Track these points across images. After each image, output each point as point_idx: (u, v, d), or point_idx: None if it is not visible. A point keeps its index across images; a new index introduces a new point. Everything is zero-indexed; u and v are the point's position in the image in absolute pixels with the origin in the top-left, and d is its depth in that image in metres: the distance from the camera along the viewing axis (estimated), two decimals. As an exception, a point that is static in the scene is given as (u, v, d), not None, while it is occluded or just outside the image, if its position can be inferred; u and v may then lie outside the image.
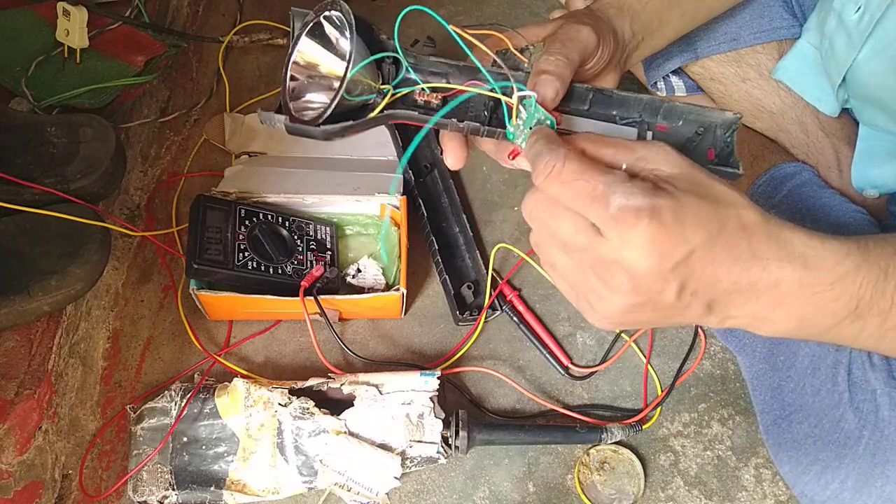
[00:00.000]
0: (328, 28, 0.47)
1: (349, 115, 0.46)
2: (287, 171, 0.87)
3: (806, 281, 0.41)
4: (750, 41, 0.76)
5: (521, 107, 0.45)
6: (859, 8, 0.62)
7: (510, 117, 0.46)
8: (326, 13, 0.46)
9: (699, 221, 0.38)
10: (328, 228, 0.80)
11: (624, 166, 0.41)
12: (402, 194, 0.80)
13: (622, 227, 0.37)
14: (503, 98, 0.46)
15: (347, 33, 0.45)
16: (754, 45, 0.76)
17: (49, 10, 0.83)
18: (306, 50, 0.47)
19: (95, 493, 0.70)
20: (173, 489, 0.67)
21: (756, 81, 0.77)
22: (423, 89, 0.48)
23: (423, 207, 0.84)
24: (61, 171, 0.70)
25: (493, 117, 0.49)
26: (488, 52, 0.47)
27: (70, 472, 0.70)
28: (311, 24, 0.47)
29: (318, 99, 0.47)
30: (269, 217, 0.76)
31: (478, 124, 0.47)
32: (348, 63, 0.44)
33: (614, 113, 0.50)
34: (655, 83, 0.84)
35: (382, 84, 0.48)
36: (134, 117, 0.86)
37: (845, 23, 0.63)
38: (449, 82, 0.50)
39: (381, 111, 0.47)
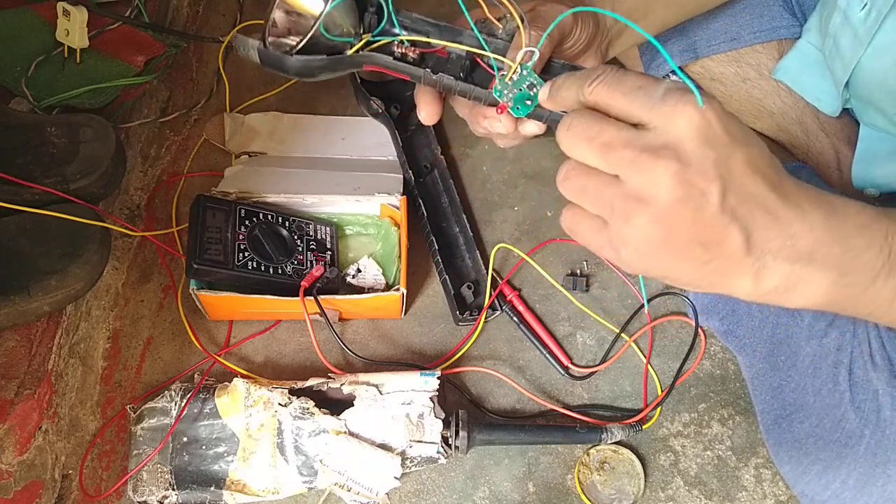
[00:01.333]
0: None
1: (332, 50, 0.47)
2: (287, 171, 0.87)
3: (836, 225, 0.40)
4: (750, 41, 0.76)
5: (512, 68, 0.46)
6: (865, 5, 0.62)
7: (502, 75, 0.47)
8: None
9: (743, 129, 0.38)
10: (328, 228, 0.80)
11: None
12: (402, 194, 0.80)
13: (670, 104, 0.37)
14: (497, 58, 0.47)
15: None
16: (754, 45, 0.76)
17: (49, 10, 0.83)
18: None
19: (95, 493, 0.70)
20: (173, 489, 0.67)
21: (756, 81, 0.77)
22: (401, 41, 0.49)
23: (423, 207, 0.84)
24: (61, 171, 0.70)
25: (468, 78, 0.49)
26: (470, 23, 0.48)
27: (70, 472, 0.70)
28: None
29: (298, 39, 0.47)
30: (269, 217, 0.76)
31: (452, 79, 0.47)
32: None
33: None
34: None
35: (364, 33, 0.49)
36: (134, 117, 0.86)
37: (851, 20, 0.63)
38: (429, 41, 0.50)
39: (357, 52, 0.48)
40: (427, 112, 0.51)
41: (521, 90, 0.46)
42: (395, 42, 0.49)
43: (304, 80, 0.48)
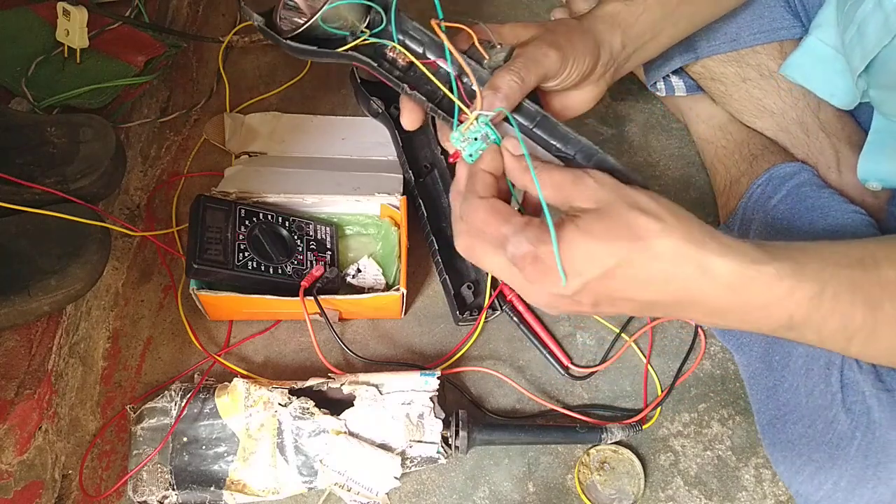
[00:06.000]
0: None
1: (322, 43, 0.51)
2: (287, 171, 0.87)
3: (734, 303, 0.45)
4: (750, 41, 0.76)
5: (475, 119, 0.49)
6: None
7: (462, 119, 0.49)
8: None
9: (590, 258, 0.43)
10: (328, 228, 0.80)
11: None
12: (403, 194, 0.80)
13: (518, 269, 0.45)
14: (460, 105, 0.49)
15: None
16: (755, 46, 0.76)
17: (49, 10, 0.83)
18: None
19: (95, 493, 0.70)
20: (173, 489, 0.67)
21: (756, 81, 0.77)
22: (394, 46, 0.52)
23: (423, 207, 0.84)
24: (61, 171, 0.70)
25: (443, 100, 0.52)
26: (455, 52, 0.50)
27: (70, 472, 0.70)
28: None
29: (304, 21, 0.51)
30: (269, 217, 0.76)
31: (425, 99, 0.51)
32: None
33: (553, 143, 0.52)
34: (655, 83, 0.84)
35: (364, 28, 0.52)
36: (134, 117, 0.86)
37: (884, 5, 0.61)
38: (424, 53, 0.53)
39: (347, 50, 0.51)
40: (407, 119, 0.53)
41: (476, 139, 0.49)
42: (388, 46, 0.52)
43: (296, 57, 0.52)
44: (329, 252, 0.78)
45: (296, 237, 0.76)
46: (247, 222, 0.74)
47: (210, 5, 1.06)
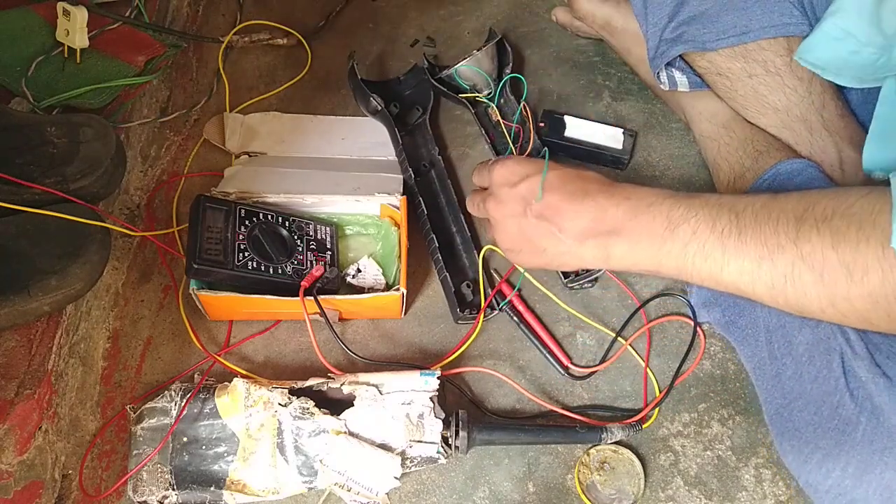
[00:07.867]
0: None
1: (457, 90, 0.91)
2: (287, 171, 0.87)
3: (630, 208, 0.59)
4: (759, 35, 0.75)
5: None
6: None
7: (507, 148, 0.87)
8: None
9: (535, 165, 0.63)
10: (328, 228, 0.80)
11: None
12: (402, 194, 0.80)
13: (490, 169, 0.66)
14: (512, 149, 0.88)
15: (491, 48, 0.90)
16: (761, 41, 0.76)
17: (49, 10, 0.83)
18: (478, 54, 0.89)
19: (95, 493, 0.70)
20: (173, 489, 0.67)
21: (762, 77, 0.77)
22: (493, 108, 0.91)
23: (422, 205, 0.84)
24: (61, 171, 0.70)
25: (493, 132, 0.92)
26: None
27: (70, 472, 0.70)
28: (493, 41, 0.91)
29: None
30: (269, 217, 0.76)
31: (484, 131, 0.91)
32: (466, 57, 0.88)
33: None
34: (658, 74, 0.83)
35: (486, 93, 0.91)
36: (134, 117, 0.86)
37: None
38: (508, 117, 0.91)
39: (466, 98, 0.91)
40: None
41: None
42: (491, 107, 0.91)
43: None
44: (329, 252, 0.78)
45: (296, 237, 0.76)
46: (247, 222, 0.74)
47: (210, 5, 1.06)
